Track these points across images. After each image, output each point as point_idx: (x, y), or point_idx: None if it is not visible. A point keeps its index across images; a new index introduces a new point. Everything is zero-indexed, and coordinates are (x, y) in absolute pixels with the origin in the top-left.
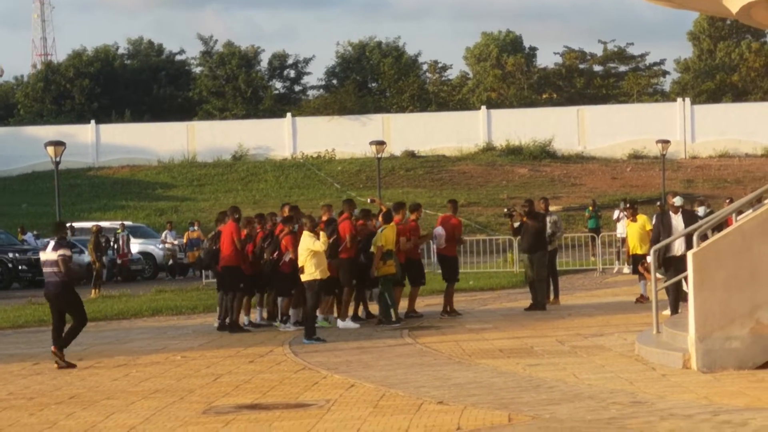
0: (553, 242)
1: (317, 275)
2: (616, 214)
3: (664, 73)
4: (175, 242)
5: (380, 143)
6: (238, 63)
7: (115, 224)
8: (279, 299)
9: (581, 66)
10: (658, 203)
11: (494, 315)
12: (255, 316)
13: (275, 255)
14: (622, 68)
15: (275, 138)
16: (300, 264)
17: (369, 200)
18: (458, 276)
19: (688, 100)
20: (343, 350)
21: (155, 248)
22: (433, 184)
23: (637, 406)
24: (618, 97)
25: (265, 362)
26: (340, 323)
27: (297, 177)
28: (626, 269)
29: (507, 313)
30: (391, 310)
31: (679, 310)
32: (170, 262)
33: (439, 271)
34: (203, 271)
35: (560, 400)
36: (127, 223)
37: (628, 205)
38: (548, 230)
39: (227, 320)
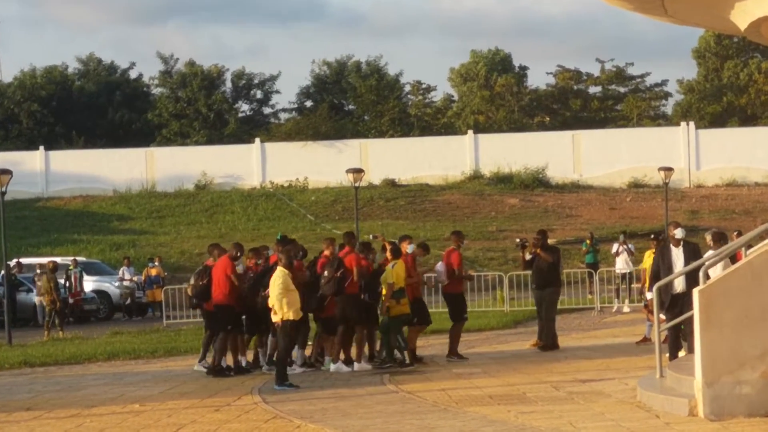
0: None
1: (290, 315)
2: (615, 247)
3: (667, 95)
4: (134, 279)
5: (358, 171)
6: (200, 84)
7: (67, 260)
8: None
9: (576, 87)
10: (652, 236)
11: (483, 358)
12: (251, 357)
13: (267, 291)
14: (622, 90)
15: (242, 165)
16: (270, 303)
17: (371, 237)
18: (465, 315)
19: (692, 124)
20: (319, 397)
21: (111, 286)
22: (415, 216)
23: None
24: (617, 121)
25: (232, 411)
26: (356, 365)
27: (267, 208)
28: (626, 308)
29: (497, 356)
30: (404, 352)
31: (678, 355)
32: (128, 301)
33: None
34: (195, 309)
35: None
36: (80, 258)
37: (652, 237)
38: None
39: (215, 365)
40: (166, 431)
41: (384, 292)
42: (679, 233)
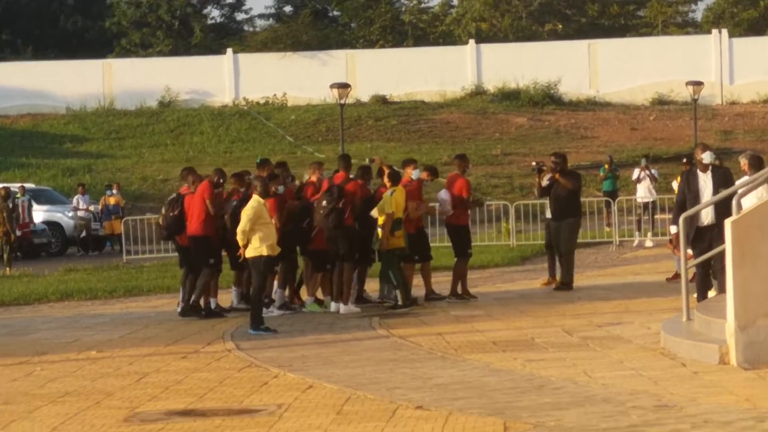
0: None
1: (263, 251)
2: (636, 173)
3: None
4: (89, 209)
5: (344, 86)
6: None
7: (14, 187)
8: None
9: None
10: (684, 160)
11: (486, 299)
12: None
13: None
14: None
15: (212, 80)
16: (238, 237)
17: (368, 160)
18: (470, 250)
19: (725, 31)
20: (299, 343)
21: (64, 217)
22: (409, 137)
23: (664, 411)
24: (639, 29)
25: (201, 358)
26: (342, 308)
27: (240, 128)
28: (649, 242)
29: (502, 296)
30: (397, 292)
31: (708, 295)
32: (83, 233)
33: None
34: (166, 242)
35: (568, 404)
36: (29, 185)
37: (684, 160)
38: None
39: (191, 301)
40: (127, 381)
41: (380, 223)
42: (707, 157)
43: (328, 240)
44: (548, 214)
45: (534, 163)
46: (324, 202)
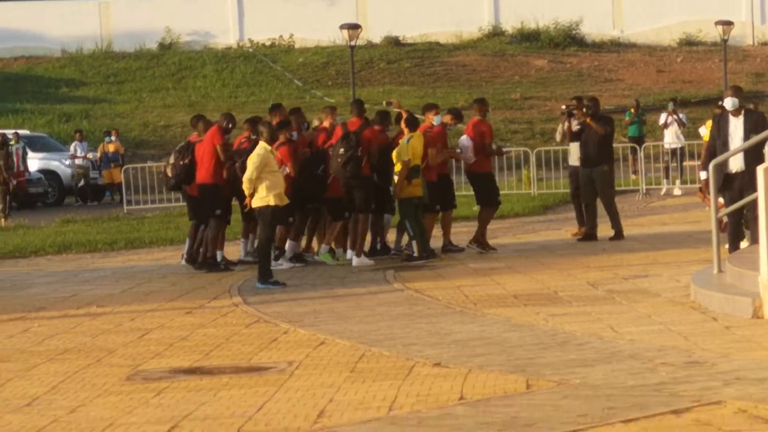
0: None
1: (271, 201)
2: (663, 118)
3: None
4: (87, 157)
5: (354, 27)
6: None
7: (8, 134)
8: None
9: None
10: (720, 103)
11: (506, 251)
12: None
13: None
14: None
15: (215, 20)
16: (245, 186)
17: (385, 103)
18: (498, 198)
19: None
20: (310, 297)
21: (61, 165)
22: (423, 81)
23: (694, 368)
24: None
25: (206, 313)
26: (355, 260)
27: (245, 71)
28: (677, 190)
29: (523, 248)
30: (413, 243)
31: (740, 246)
32: (81, 182)
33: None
34: (173, 191)
35: (593, 360)
36: (23, 132)
37: (720, 104)
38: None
39: (204, 256)
40: (129, 337)
41: (397, 170)
42: (728, 103)
43: (345, 189)
44: (571, 161)
45: (564, 107)
46: (341, 150)
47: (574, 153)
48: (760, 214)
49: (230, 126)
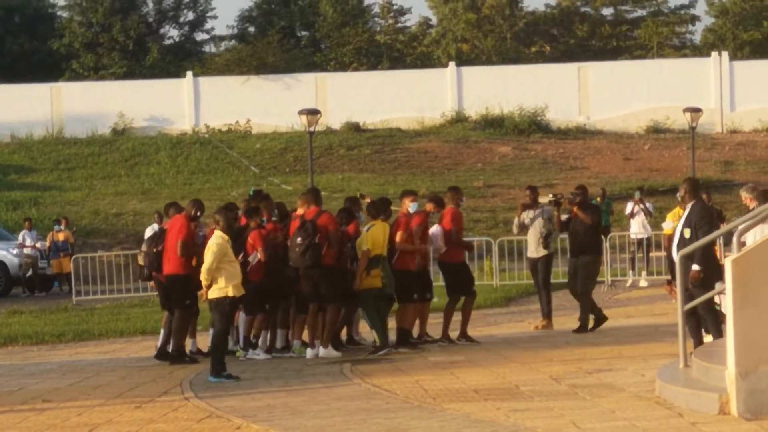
0: (548, 246)
1: (229, 291)
2: (629, 207)
3: (694, 19)
4: (36, 246)
5: (313, 112)
6: (115, 5)
7: None
8: (241, 317)
9: (583, 9)
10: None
11: (466, 344)
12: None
13: (239, 258)
14: (639, 12)
15: (170, 105)
16: (202, 277)
17: (360, 196)
18: (469, 289)
19: (725, 54)
20: (264, 392)
21: (8, 254)
22: (384, 168)
23: None
24: (632, 51)
25: (157, 408)
26: (322, 350)
27: (200, 158)
28: (643, 282)
29: (484, 341)
30: (374, 332)
31: (704, 340)
32: (29, 272)
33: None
34: (144, 282)
35: None
36: None
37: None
38: (541, 229)
39: (173, 348)
40: None
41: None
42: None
43: (305, 279)
44: (530, 253)
45: (551, 196)
46: (299, 239)
47: (532, 244)
48: (728, 306)
49: (198, 214)
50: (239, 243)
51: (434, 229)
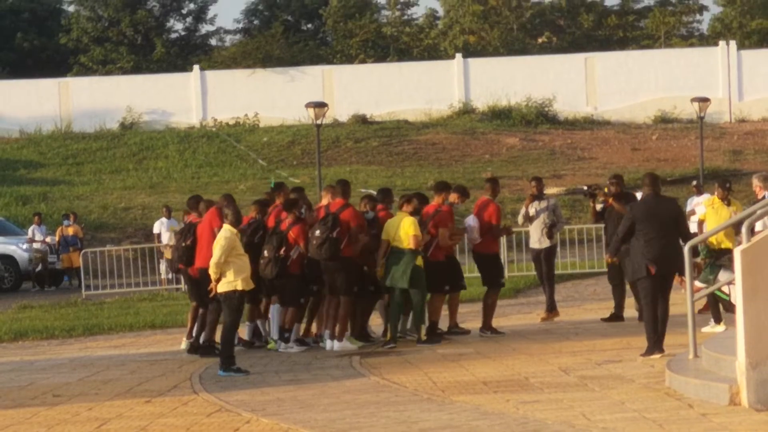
0: (552, 236)
1: (238, 285)
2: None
3: (702, 9)
4: (46, 241)
5: (320, 105)
6: (127, 0)
7: None
8: (273, 309)
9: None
10: (694, 183)
11: (476, 336)
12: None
13: (282, 252)
14: (646, 2)
15: (178, 99)
16: (211, 270)
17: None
18: (502, 280)
19: (733, 43)
20: (274, 385)
21: (18, 249)
22: (391, 160)
23: None
24: (639, 41)
25: (167, 402)
26: (336, 344)
27: (208, 152)
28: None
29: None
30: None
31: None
32: (38, 267)
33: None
34: (174, 275)
35: None
36: None
37: (728, 185)
38: (546, 220)
39: (202, 340)
40: (86, 427)
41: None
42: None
43: (324, 271)
44: (532, 244)
45: (585, 187)
46: (317, 232)
47: (535, 235)
48: (737, 296)
49: (229, 208)
50: (279, 236)
51: (470, 219)
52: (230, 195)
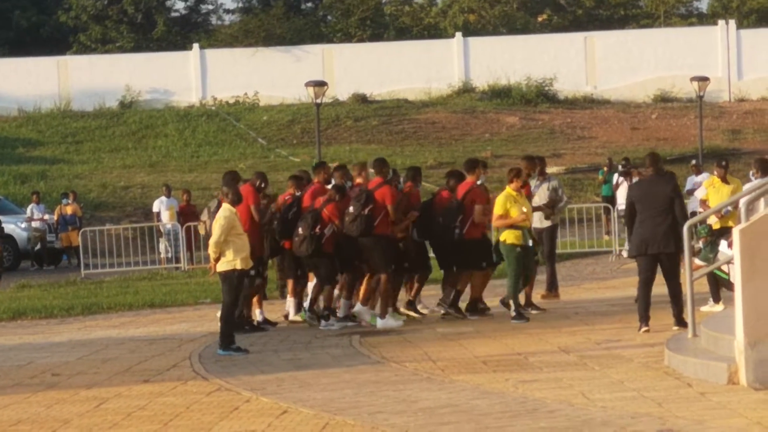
0: (552, 216)
1: (237, 264)
2: (615, 178)
3: None
4: (44, 219)
5: (320, 84)
6: None
7: None
8: (310, 287)
9: None
10: (693, 162)
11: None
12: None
13: (317, 230)
14: None
15: (177, 78)
16: (210, 250)
17: None
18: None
19: (732, 22)
20: (273, 364)
21: (16, 228)
22: (391, 139)
23: None
24: (639, 20)
25: (166, 381)
26: (379, 322)
27: (208, 130)
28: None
29: (492, 312)
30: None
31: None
32: (37, 246)
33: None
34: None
35: (564, 428)
36: None
37: (724, 163)
38: (545, 199)
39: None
40: (86, 406)
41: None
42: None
43: (362, 249)
44: (534, 223)
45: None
46: (351, 209)
47: (536, 214)
48: (736, 276)
49: (263, 185)
50: (314, 214)
51: None
52: (263, 172)
